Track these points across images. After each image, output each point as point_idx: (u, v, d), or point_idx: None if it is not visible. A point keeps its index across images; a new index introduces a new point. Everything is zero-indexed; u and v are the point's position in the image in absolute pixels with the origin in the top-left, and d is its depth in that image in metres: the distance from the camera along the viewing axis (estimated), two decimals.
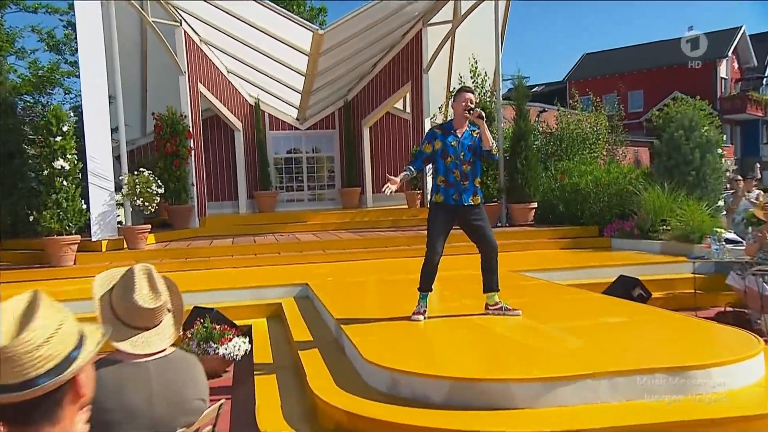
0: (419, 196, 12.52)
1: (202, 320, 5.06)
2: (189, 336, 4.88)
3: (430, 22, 11.88)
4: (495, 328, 4.30)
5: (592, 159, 12.86)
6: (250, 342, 5.31)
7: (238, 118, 14.37)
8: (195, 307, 5.73)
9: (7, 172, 9.66)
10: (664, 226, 8.54)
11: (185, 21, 11.16)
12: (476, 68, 10.84)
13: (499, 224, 10.54)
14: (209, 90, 12.58)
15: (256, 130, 14.56)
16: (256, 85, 14.31)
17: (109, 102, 9.65)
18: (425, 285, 4.63)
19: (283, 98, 14.57)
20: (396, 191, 4.63)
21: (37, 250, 8.67)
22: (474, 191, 4.55)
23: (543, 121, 14.73)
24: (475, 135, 4.56)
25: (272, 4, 10.54)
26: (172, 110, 10.94)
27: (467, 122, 4.58)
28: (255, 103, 14.62)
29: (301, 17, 10.89)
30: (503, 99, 14.78)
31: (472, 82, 10.91)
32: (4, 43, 12.60)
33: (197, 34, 12.08)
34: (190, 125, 11.20)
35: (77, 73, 10.12)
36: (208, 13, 11.03)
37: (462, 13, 11.70)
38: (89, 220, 8.56)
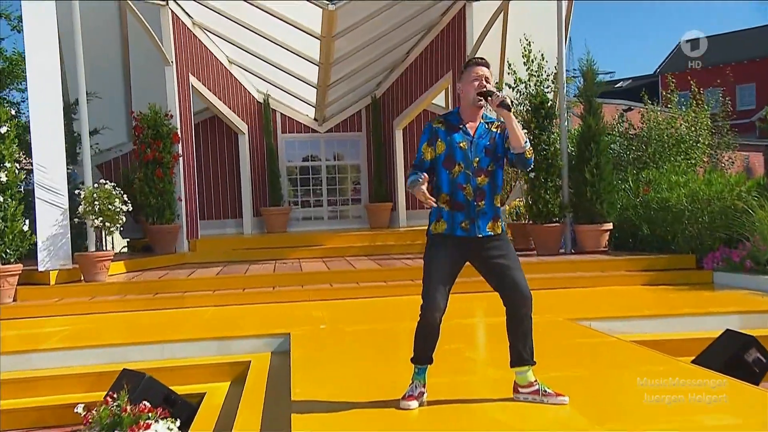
0: None
1: (115, 395, 4.14)
2: (90, 421, 3.97)
3: None
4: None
5: (689, 167, 11.61)
6: (187, 425, 4.40)
7: (243, 119, 13.80)
8: (124, 370, 4.93)
9: None
10: None
11: None
12: (529, 51, 9.79)
13: (563, 251, 9.61)
14: (205, 84, 12.01)
15: (264, 134, 13.99)
16: (265, 79, 13.71)
17: (78, 100, 9.11)
18: (422, 355, 3.62)
19: (298, 95, 13.93)
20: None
21: None
22: (494, 215, 3.52)
23: (627, 120, 13.45)
24: (494, 130, 3.52)
25: None
26: (155, 108, 10.44)
27: (482, 112, 3.55)
28: (264, 100, 14.05)
29: None
30: (574, 97, 13.62)
31: (526, 70, 9.86)
32: None
33: (189, 15, 11.53)
34: (178, 126, 10.70)
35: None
36: None
37: None
38: (35, 245, 7.97)
